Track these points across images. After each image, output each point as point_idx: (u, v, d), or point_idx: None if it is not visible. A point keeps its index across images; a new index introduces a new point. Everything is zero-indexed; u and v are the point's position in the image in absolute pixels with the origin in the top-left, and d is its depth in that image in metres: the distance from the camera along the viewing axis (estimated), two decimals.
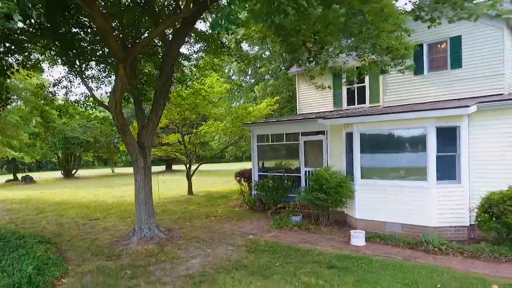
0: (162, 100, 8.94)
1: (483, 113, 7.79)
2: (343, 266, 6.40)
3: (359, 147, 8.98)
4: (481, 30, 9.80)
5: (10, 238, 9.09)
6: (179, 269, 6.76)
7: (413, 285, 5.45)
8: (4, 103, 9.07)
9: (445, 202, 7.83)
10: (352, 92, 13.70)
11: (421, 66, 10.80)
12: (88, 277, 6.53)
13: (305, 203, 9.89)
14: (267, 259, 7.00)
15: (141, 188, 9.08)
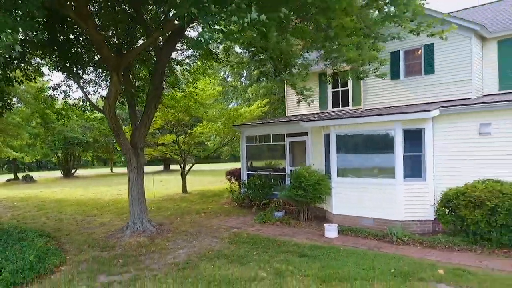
0: (154, 104, 9.65)
1: (445, 116, 8.51)
2: (313, 255, 7.13)
3: (336, 147, 9.71)
4: (451, 39, 10.51)
5: (13, 232, 9.79)
6: (166, 258, 7.48)
7: (370, 270, 6.17)
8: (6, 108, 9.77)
9: (411, 198, 8.55)
10: (337, 95, 14.40)
11: (398, 71, 11.53)
12: (84, 265, 7.25)
13: (287, 200, 10.60)
14: (247, 249, 7.73)
15: (134, 186, 9.80)
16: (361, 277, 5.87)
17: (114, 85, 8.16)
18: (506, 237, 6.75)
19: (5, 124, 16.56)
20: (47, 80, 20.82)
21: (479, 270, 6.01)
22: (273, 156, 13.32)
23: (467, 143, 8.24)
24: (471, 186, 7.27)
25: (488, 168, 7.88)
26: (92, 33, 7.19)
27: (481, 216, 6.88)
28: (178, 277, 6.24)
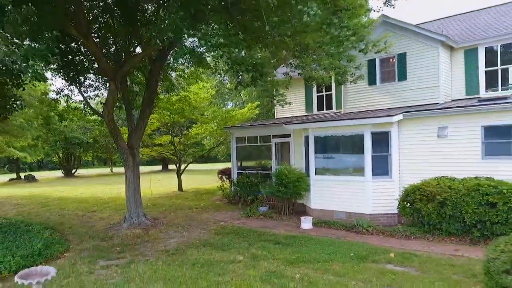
0: (148, 109, 10.65)
1: (408, 120, 9.50)
2: (287, 243, 8.12)
3: (314, 148, 10.70)
4: (421, 48, 11.50)
5: (20, 225, 10.79)
6: (158, 246, 8.47)
7: (333, 254, 7.16)
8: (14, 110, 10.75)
9: (379, 194, 9.53)
10: (321, 99, 15.38)
11: (374, 78, 12.52)
12: (85, 252, 8.23)
13: (271, 196, 11.59)
14: (230, 239, 8.72)
15: (130, 183, 10.78)
16: (324, 259, 6.86)
17: (112, 93, 9.15)
18: (453, 227, 7.74)
19: (10, 125, 17.54)
20: (50, 83, 21.84)
21: (424, 254, 7.00)
22: (261, 156, 14.29)
23: (427, 144, 9.23)
24: (426, 182, 8.26)
25: (444, 166, 8.86)
26: (92, 48, 8.18)
27: (433, 208, 7.87)
28: (167, 261, 7.23)
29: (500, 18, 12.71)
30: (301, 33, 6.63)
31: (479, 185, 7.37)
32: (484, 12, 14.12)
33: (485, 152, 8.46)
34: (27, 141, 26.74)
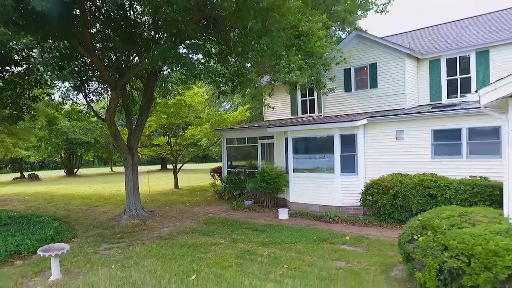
0: (145, 114, 12.01)
1: (372, 124, 10.86)
2: (263, 230, 9.49)
3: (292, 148, 12.06)
4: (389, 59, 12.87)
5: (31, 217, 12.12)
6: (153, 233, 9.83)
7: (299, 238, 8.52)
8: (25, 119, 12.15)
9: (346, 189, 10.89)
10: (305, 103, 16.74)
11: (350, 85, 13.90)
12: (91, 238, 9.58)
13: (255, 191, 12.95)
14: (215, 227, 10.09)
15: (129, 180, 12.14)
16: (290, 242, 8.23)
17: (113, 100, 10.52)
18: (403, 215, 9.11)
19: (18, 128, 18.90)
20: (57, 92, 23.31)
21: (375, 237, 8.37)
22: (249, 156, 15.65)
23: (387, 145, 10.59)
24: (383, 178, 9.64)
25: (401, 164, 10.22)
26: (97, 63, 9.54)
27: (387, 200, 9.24)
28: (160, 243, 8.60)
29: (461, 32, 14.11)
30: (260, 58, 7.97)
31: (422, 180, 8.74)
32: (449, 25, 15.53)
33: (434, 152, 9.83)
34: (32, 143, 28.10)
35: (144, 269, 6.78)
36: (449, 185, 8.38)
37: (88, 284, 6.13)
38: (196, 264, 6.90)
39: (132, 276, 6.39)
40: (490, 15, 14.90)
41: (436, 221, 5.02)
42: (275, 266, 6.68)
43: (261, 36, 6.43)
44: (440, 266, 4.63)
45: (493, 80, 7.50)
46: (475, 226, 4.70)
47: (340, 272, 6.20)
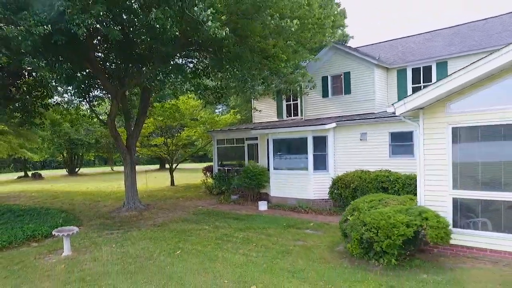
0: (142, 118, 13.54)
1: (340, 128, 12.38)
2: (243, 218, 11.01)
3: (272, 148, 13.58)
4: (361, 69, 14.39)
5: (40, 210, 13.66)
6: (148, 222, 11.34)
7: (271, 224, 10.04)
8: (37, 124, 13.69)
9: (318, 184, 12.40)
10: (290, 107, 18.24)
11: (327, 91, 15.42)
12: (94, 226, 11.09)
13: (241, 187, 14.47)
14: (202, 217, 11.61)
15: (128, 177, 13.66)
16: (263, 227, 9.75)
17: (114, 107, 12.04)
18: None
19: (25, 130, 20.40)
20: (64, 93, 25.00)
21: (335, 224, 9.86)
22: (237, 155, 17.15)
23: (353, 145, 12.11)
24: (346, 174, 11.16)
25: (365, 162, 11.73)
26: (100, 75, 11.06)
27: (349, 193, 10.75)
28: (154, 229, 10.12)
29: (426, 44, 15.65)
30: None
31: (377, 176, 10.26)
32: (417, 37, 17.07)
33: (391, 152, 11.35)
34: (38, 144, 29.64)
35: (139, 247, 8.31)
36: (398, 179, 9.90)
37: (94, 258, 7.65)
38: (182, 243, 8.43)
39: (129, 252, 7.92)
40: (451, 29, 16.44)
41: (361, 204, 6.56)
42: (246, 244, 8.20)
43: (235, 60, 7.89)
44: (360, 237, 6.16)
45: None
46: (386, 207, 6.23)
47: (296, 248, 7.73)
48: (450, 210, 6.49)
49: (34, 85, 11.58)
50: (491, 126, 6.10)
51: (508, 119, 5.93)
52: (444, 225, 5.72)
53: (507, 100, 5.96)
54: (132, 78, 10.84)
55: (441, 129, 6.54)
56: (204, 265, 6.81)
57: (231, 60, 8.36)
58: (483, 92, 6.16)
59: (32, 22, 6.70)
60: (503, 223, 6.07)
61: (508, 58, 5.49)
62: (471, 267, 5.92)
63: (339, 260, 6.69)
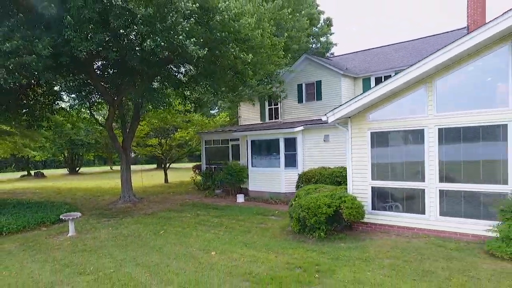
0: (136, 121, 15.41)
1: (307, 130, 14.24)
2: (221, 208, 12.88)
3: (251, 148, 15.46)
4: (330, 78, 16.27)
5: (46, 203, 15.51)
6: (140, 212, 13.21)
7: (243, 212, 11.90)
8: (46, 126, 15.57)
9: (289, 179, 14.26)
10: (271, 110, 20.11)
11: (302, 97, 17.32)
12: (94, 215, 12.96)
13: (222, 182, 16.34)
14: (187, 207, 13.49)
15: (124, 173, 15.52)
16: (236, 214, 11.62)
17: (111, 113, 13.91)
18: None
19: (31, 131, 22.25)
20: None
21: None
22: (222, 155, 19.01)
23: (318, 146, 13.98)
24: (309, 170, 13.02)
25: (327, 160, 13.59)
26: (99, 86, 12.92)
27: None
28: (144, 217, 12.00)
29: (391, 55, 17.51)
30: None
31: (333, 171, 12.13)
32: (386, 48, 18.97)
33: None
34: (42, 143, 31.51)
35: (130, 229, 10.18)
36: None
37: (93, 237, 9.52)
38: (166, 226, 10.31)
39: (122, 232, 9.80)
40: (415, 41, 18.33)
41: (301, 192, 8.43)
42: (218, 227, 10.07)
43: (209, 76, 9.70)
44: (298, 217, 8.03)
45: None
46: (318, 193, 8.10)
47: (256, 229, 9.59)
48: (370, 196, 8.36)
49: (42, 94, 13.50)
50: (397, 131, 7.98)
51: (409, 126, 7.80)
52: (358, 206, 7.59)
53: (407, 112, 7.83)
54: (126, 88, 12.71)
55: (363, 134, 8.41)
56: (180, 240, 8.69)
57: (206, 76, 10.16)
58: (391, 106, 8.03)
59: (41, 47, 8.53)
60: (405, 205, 7.95)
61: (402, 81, 7.36)
62: (379, 238, 7.80)
63: (285, 236, 8.57)
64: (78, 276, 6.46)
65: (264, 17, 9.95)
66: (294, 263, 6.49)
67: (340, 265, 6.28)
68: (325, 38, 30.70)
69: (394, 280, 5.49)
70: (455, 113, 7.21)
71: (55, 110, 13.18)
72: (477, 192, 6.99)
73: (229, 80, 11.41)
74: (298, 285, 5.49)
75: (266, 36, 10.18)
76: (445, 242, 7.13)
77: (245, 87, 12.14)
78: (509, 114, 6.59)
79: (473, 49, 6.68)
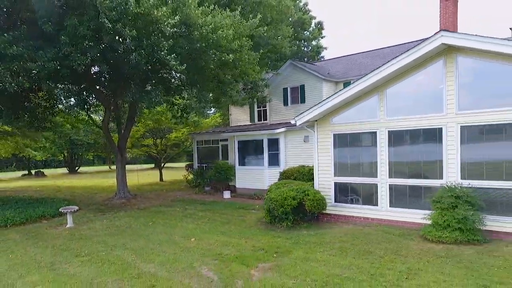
0: (131, 123, 16.51)
1: (289, 132, 15.34)
2: (208, 203, 13.98)
3: (238, 148, 16.55)
4: (312, 82, 17.37)
5: (47, 199, 16.62)
6: (134, 207, 14.31)
7: (228, 207, 12.99)
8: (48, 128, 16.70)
9: (272, 176, 15.33)
10: (260, 112, 21.20)
11: (287, 100, 18.42)
12: (91, 210, 14.05)
13: (212, 180, 17.44)
14: (177, 203, 14.58)
15: (119, 172, 16.61)
16: (220, 209, 12.71)
17: (107, 115, 15.00)
18: None
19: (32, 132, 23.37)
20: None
21: None
22: (213, 154, 20.09)
23: (299, 145, 15.07)
24: (289, 168, 14.11)
25: (307, 159, 14.67)
26: (95, 91, 14.01)
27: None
28: (136, 211, 13.10)
29: (371, 60, 18.60)
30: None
31: (310, 169, 13.19)
32: (368, 53, 20.05)
33: None
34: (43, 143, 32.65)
35: (123, 221, 11.29)
36: None
37: (89, 228, 10.61)
38: (155, 219, 11.41)
39: (115, 224, 10.90)
40: (393, 48, 19.42)
41: (272, 187, 9.53)
42: (202, 219, 11.17)
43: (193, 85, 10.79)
44: (269, 208, 9.13)
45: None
46: (285, 188, 9.20)
47: (235, 220, 10.69)
48: (333, 191, 9.46)
49: (44, 98, 14.62)
50: (355, 133, 9.07)
51: (365, 129, 8.90)
52: (319, 199, 8.69)
53: (365, 116, 8.93)
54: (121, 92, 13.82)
55: (327, 135, 9.51)
56: (166, 230, 9.79)
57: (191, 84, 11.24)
58: (351, 110, 9.13)
59: (45, 59, 9.65)
60: (363, 198, 9.05)
61: (353, 91, 8.46)
62: (339, 227, 8.90)
63: (259, 226, 9.66)
64: (75, 257, 7.55)
65: (243, 33, 11.00)
66: (259, 246, 7.59)
67: (297, 247, 7.38)
68: (316, 42, 31.80)
69: (337, 258, 6.58)
70: (401, 117, 8.31)
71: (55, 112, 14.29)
72: (419, 186, 8.09)
73: (212, 89, 12.52)
74: (257, 262, 6.58)
75: (245, 52, 11.24)
76: (392, 229, 8.23)
77: (226, 97, 13.25)
78: (444, 119, 7.69)
79: (412, 63, 7.79)
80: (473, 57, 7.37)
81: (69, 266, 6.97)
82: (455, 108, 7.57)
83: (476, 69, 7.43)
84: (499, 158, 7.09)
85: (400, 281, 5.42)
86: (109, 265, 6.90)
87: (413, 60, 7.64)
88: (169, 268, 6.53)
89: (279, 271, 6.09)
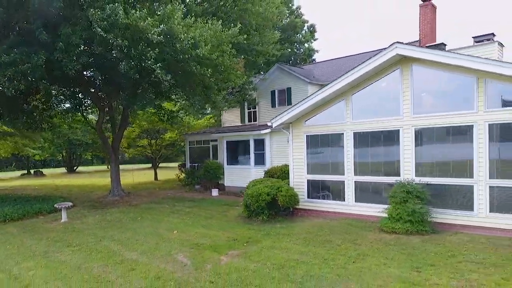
0: (124, 124, 17.30)
1: (274, 132, 16.12)
2: (196, 201, 14.78)
3: (226, 148, 17.35)
4: (298, 85, 18.15)
5: (44, 197, 17.42)
6: (126, 204, 15.10)
7: (214, 204, 13.78)
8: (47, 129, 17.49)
9: (258, 175, 16.10)
10: (250, 114, 21.99)
11: (275, 102, 19.21)
12: (85, 207, 14.84)
13: (202, 179, 18.23)
14: (167, 200, 15.38)
15: (113, 171, 17.41)
16: (206, 205, 13.51)
17: (101, 117, 15.80)
18: None
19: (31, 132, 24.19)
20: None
21: None
22: (204, 154, 20.90)
23: (283, 146, 15.84)
24: (273, 167, 14.90)
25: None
26: (90, 94, 14.80)
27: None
28: (128, 208, 13.89)
29: (353, 64, 19.35)
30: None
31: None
32: (354, 57, 20.83)
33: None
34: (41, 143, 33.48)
35: (114, 216, 12.08)
36: None
37: (82, 222, 11.41)
38: (144, 214, 12.21)
39: (106, 219, 11.69)
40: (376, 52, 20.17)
41: (250, 184, 10.33)
42: (187, 214, 11.97)
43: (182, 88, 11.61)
44: (246, 203, 9.92)
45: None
46: (261, 184, 9.99)
47: (218, 215, 11.48)
48: (306, 187, 10.26)
49: (41, 100, 15.44)
50: (325, 134, 9.87)
51: (333, 131, 9.69)
52: (291, 195, 9.48)
53: (334, 118, 9.72)
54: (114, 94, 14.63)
55: (301, 136, 10.30)
56: (153, 224, 10.59)
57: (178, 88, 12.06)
58: (322, 113, 9.92)
59: (36, 59, 10.41)
60: (332, 194, 9.84)
61: (321, 97, 9.26)
62: (309, 220, 9.69)
63: (238, 220, 10.46)
64: (66, 247, 8.35)
65: (224, 41, 11.77)
66: (233, 237, 8.39)
67: (267, 238, 8.18)
68: (308, 44, 32.60)
69: (299, 247, 7.38)
70: (365, 120, 9.11)
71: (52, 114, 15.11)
72: (380, 182, 8.89)
73: (200, 94, 13.34)
74: (228, 250, 7.39)
75: (226, 58, 12.01)
76: (355, 222, 9.03)
77: (210, 102, 14.11)
78: (400, 122, 8.48)
79: (372, 72, 8.59)
80: (426, 66, 8.16)
81: (60, 255, 7.76)
82: (410, 112, 8.37)
83: (429, 77, 8.22)
84: (447, 157, 7.89)
85: (348, 264, 6.22)
86: (97, 253, 7.70)
87: (372, 68, 8.43)
88: (150, 255, 7.33)
89: (245, 257, 6.89)
